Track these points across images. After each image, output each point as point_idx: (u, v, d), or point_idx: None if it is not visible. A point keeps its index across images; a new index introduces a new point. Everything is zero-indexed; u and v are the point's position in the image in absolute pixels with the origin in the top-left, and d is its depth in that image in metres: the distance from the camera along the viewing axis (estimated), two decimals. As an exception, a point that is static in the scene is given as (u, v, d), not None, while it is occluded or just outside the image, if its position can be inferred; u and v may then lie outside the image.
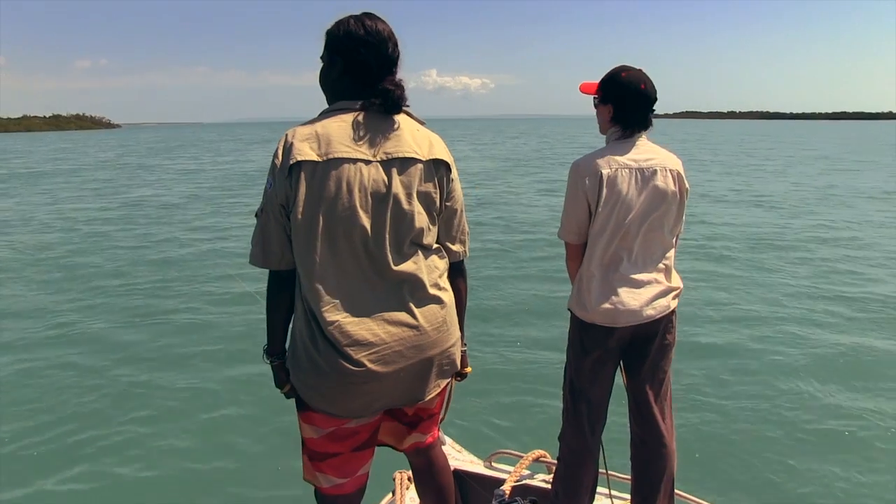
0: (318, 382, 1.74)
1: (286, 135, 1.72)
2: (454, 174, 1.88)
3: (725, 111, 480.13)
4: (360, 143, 1.71)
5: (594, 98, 2.39)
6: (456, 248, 1.94)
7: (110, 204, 17.74)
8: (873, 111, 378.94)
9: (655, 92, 2.32)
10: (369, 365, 1.70)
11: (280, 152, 1.70)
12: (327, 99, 1.84)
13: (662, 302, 2.33)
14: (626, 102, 2.31)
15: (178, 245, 11.68)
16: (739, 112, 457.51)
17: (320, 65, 1.86)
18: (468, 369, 2.10)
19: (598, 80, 2.37)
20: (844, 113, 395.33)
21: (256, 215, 1.77)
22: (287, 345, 1.86)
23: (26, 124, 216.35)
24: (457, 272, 1.96)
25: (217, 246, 11.55)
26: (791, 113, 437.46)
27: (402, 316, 1.75)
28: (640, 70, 2.33)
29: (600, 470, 2.52)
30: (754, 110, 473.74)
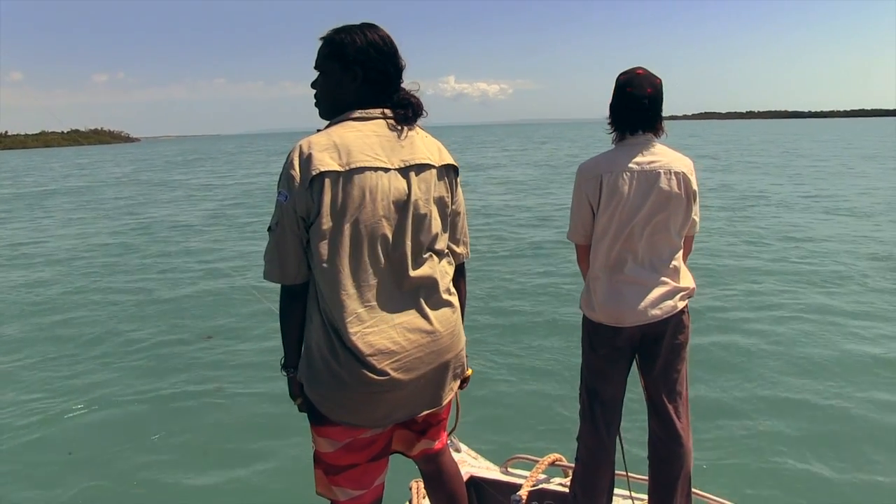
0: (341, 394, 1.73)
1: (300, 146, 1.71)
2: (459, 178, 1.94)
3: (744, 111, 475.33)
4: (379, 151, 1.72)
5: None
6: (460, 249, 1.97)
7: (118, 228, 15.52)
8: (891, 108, 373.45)
9: (651, 93, 2.31)
10: (393, 374, 1.71)
11: (296, 164, 1.68)
12: (330, 109, 1.83)
13: (669, 302, 2.35)
14: (615, 103, 2.37)
15: (192, 280, 9.49)
16: (758, 112, 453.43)
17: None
18: (469, 371, 2.05)
19: None
20: (863, 110, 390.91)
21: (270, 230, 1.76)
22: (301, 359, 1.85)
23: (45, 140, 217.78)
24: (459, 273, 1.99)
25: (242, 281, 9.17)
26: (809, 111, 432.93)
27: (420, 322, 1.78)
28: (638, 72, 2.34)
29: (619, 472, 2.56)
30: (772, 109, 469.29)
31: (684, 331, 2.44)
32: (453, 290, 1.90)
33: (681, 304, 2.39)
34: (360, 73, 1.77)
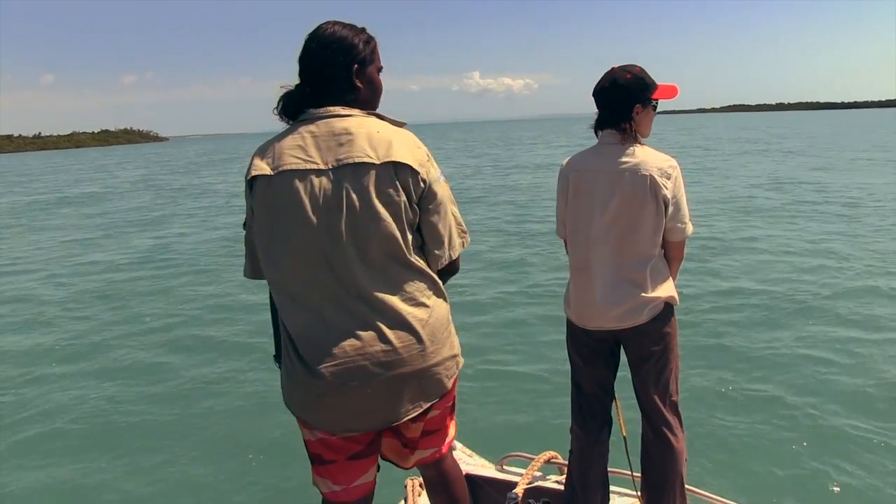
0: (291, 389, 1.74)
1: (253, 151, 1.73)
2: (427, 175, 1.74)
3: (773, 103, 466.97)
4: (311, 151, 1.67)
5: None
6: (439, 253, 1.80)
7: (117, 257, 11.64)
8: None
9: (607, 87, 2.27)
10: (329, 377, 1.65)
11: (247, 167, 1.72)
12: (285, 108, 1.78)
13: (634, 311, 2.30)
14: (596, 102, 2.34)
15: (203, 336, 6.76)
16: (788, 103, 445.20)
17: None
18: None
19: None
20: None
21: (244, 227, 1.78)
22: None
23: (76, 140, 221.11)
24: (446, 274, 1.87)
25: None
26: (843, 102, 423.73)
27: (369, 331, 1.68)
28: (611, 70, 2.30)
29: (619, 469, 2.62)
30: (802, 101, 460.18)
31: (661, 340, 2.38)
32: (423, 299, 1.75)
33: (647, 316, 2.32)
34: (302, 73, 1.76)
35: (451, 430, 2.00)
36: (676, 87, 2.39)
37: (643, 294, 2.29)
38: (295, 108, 1.75)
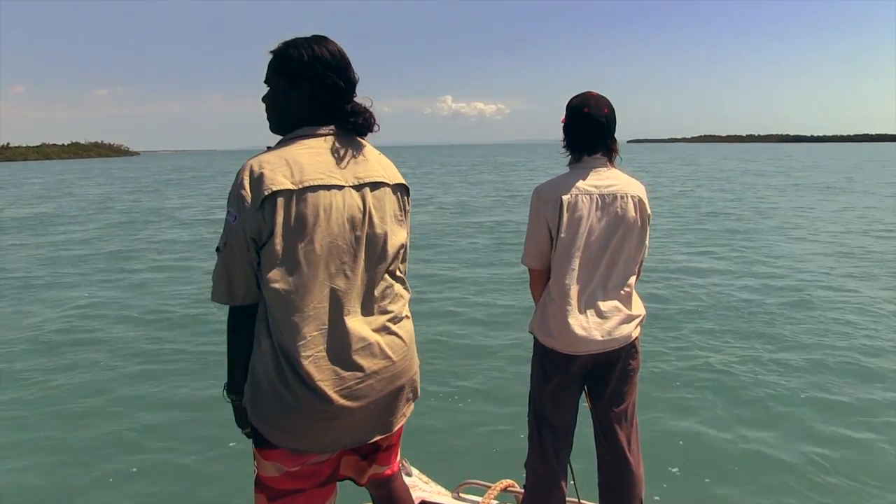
0: (287, 420, 1.67)
1: (250, 165, 1.64)
2: (409, 198, 1.88)
3: (744, 134, 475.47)
4: (333, 168, 1.68)
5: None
6: (405, 267, 1.91)
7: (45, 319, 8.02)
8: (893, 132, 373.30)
9: (607, 114, 2.32)
10: (343, 401, 1.67)
11: (247, 183, 1.61)
12: (279, 124, 1.78)
13: (625, 329, 2.34)
14: (571, 125, 2.35)
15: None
16: (759, 135, 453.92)
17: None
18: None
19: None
20: (867, 135, 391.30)
21: (218, 250, 1.69)
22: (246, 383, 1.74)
23: (45, 152, 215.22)
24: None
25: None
26: (812, 136, 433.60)
27: (375, 347, 1.73)
28: (592, 94, 2.34)
29: (570, 498, 2.54)
30: (773, 133, 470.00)
31: (636, 357, 2.43)
32: (408, 313, 1.86)
33: (635, 332, 2.38)
34: (307, 88, 1.71)
35: (399, 448, 2.03)
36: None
37: (629, 312, 2.36)
38: (294, 121, 1.74)
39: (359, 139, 1.77)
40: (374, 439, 1.82)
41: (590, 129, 2.30)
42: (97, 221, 19.95)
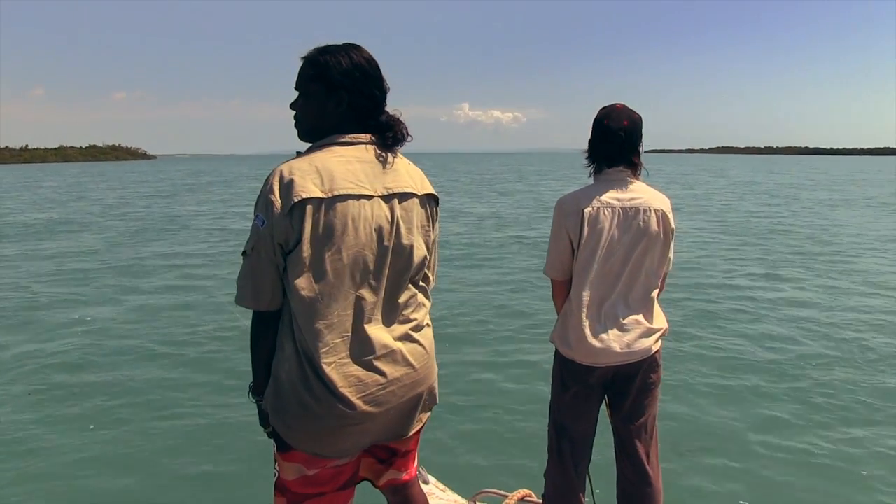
0: (309, 425, 1.68)
1: (280, 170, 1.64)
2: (438, 208, 1.88)
3: (763, 146, 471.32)
4: (362, 178, 1.68)
5: None
6: (432, 276, 1.93)
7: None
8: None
9: (627, 126, 2.29)
10: (366, 407, 1.68)
11: (276, 189, 1.61)
12: (310, 132, 1.76)
13: (645, 343, 2.33)
14: (593, 137, 2.35)
15: None
16: (777, 147, 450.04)
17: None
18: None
19: None
20: (888, 148, 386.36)
21: (244, 254, 1.68)
22: (268, 387, 1.76)
23: (63, 154, 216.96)
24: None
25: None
26: (832, 148, 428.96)
27: (397, 355, 1.74)
28: (617, 106, 2.32)
29: None
30: (792, 146, 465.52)
31: (657, 370, 2.42)
32: (429, 321, 1.88)
33: (656, 346, 2.38)
34: (345, 97, 1.71)
35: (416, 454, 2.04)
36: None
37: (650, 326, 2.36)
38: (327, 129, 1.73)
39: (389, 149, 1.76)
40: (391, 444, 1.87)
41: (608, 142, 2.32)
42: (113, 229, 18.64)
